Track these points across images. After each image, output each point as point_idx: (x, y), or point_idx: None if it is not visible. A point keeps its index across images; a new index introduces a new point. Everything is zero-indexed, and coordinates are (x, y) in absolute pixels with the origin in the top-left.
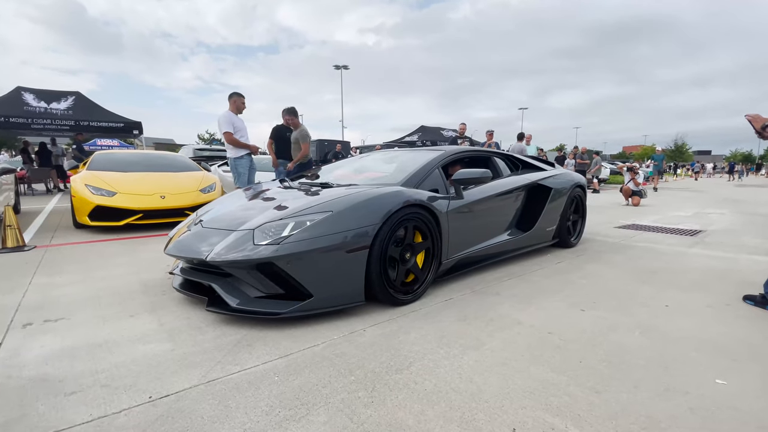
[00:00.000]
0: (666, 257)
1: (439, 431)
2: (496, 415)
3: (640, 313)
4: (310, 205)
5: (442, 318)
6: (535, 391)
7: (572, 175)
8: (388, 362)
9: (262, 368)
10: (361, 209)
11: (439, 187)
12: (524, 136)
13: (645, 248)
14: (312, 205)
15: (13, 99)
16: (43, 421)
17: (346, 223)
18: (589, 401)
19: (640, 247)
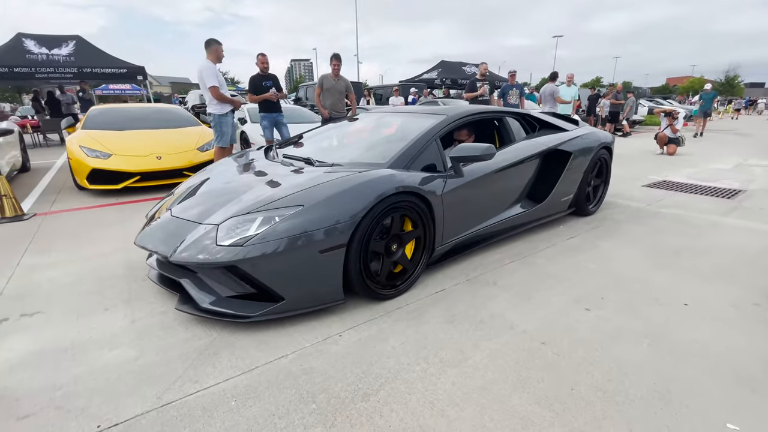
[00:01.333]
0: (694, 230)
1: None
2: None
3: (652, 314)
4: (282, 195)
5: (428, 318)
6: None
7: (597, 135)
8: (356, 383)
9: (222, 388)
10: (337, 202)
11: (436, 162)
12: (557, 75)
13: (672, 216)
14: (283, 195)
15: (14, 47)
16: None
17: (320, 220)
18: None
19: (666, 215)
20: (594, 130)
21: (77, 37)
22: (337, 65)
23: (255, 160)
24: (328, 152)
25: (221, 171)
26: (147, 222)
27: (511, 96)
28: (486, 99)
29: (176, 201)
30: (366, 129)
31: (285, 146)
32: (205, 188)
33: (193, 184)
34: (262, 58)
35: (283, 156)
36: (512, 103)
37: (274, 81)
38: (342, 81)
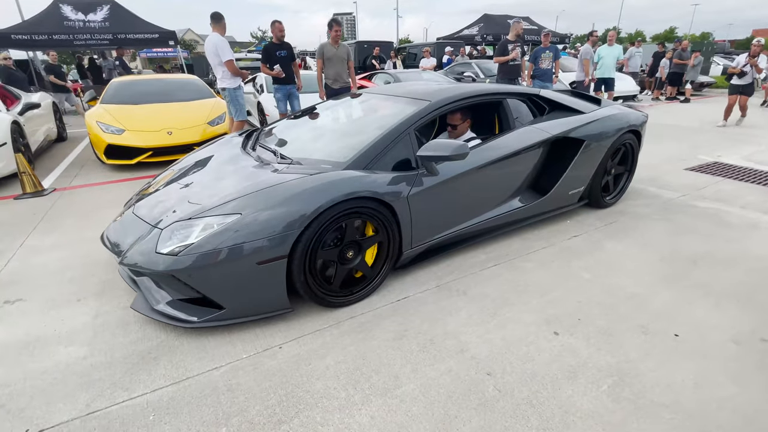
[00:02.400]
0: (726, 232)
1: None
2: None
3: (631, 345)
4: (227, 199)
5: (377, 333)
6: None
7: (621, 118)
8: (275, 407)
9: (147, 399)
10: (277, 210)
11: (410, 158)
12: (592, 34)
13: (705, 212)
14: (228, 200)
15: (52, 13)
16: None
17: (258, 230)
18: None
19: (699, 209)
20: (618, 112)
21: (112, 1)
22: (338, 31)
23: (230, 150)
24: (298, 144)
25: (200, 158)
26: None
27: (543, 60)
28: (518, 64)
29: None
30: (343, 116)
31: (270, 130)
32: (177, 183)
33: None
34: (279, 26)
35: (259, 146)
36: (545, 68)
37: (288, 50)
38: (343, 47)
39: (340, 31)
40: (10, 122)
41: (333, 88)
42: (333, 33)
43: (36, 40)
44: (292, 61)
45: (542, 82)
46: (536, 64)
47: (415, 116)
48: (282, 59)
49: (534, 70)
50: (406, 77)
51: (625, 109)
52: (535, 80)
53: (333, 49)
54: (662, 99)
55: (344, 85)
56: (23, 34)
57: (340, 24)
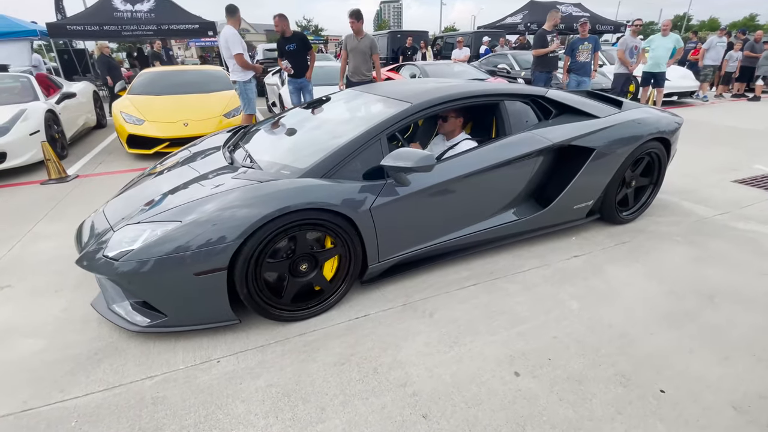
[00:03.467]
0: (760, 265)
1: None
2: None
3: (602, 399)
4: (168, 207)
5: (322, 354)
6: None
7: (645, 123)
8: (189, 429)
9: (76, 403)
10: (218, 220)
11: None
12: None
13: (743, 237)
14: (168, 208)
15: (103, 5)
16: None
17: (195, 239)
18: None
19: (737, 233)
20: (645, 115)
21: None
22: (353, 23)
23: (207, 147)
24: (271, 146)
25: (186, 156)
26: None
27: (581, 53)
28: (555, 56)
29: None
30: (323, 117)
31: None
32: (157, 176)
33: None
34: (276, 20)
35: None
36: (582, 61)
37: (297, 43)
38: (366, 39)
39: (355, 24)
40: (44, 111)
41: (352, 81)
42: (350, 25)
43: (88, 30)
44: (305, 53)
45: (579, 76)
46: (573, 56)
47: (388, 121)
48: (290, 53)
49: (570, 63)
50: (433, 70)
51: (653, 113)
52: (571, 74)
53: (355, 41)
54: (726, 96)
55: (363, 79)
56: (77, 24)
57: (354, 16)
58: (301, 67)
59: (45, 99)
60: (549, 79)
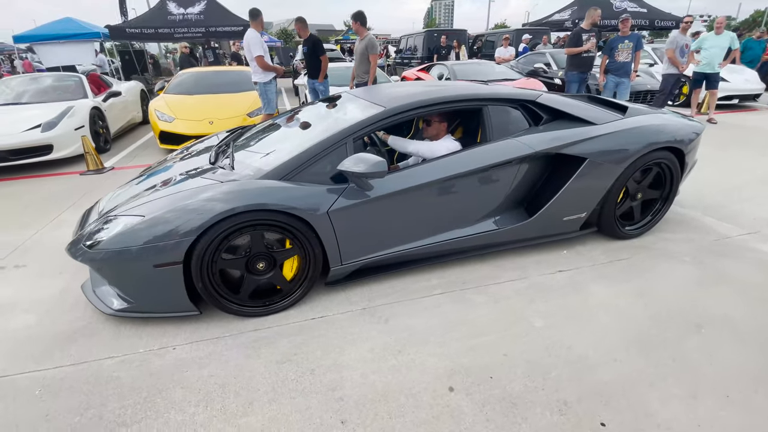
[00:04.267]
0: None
1: None
2: None
3: (532, 426)
4: (138, 203)
5: (269, 351)
6: None
7: (652, 131)
8: (127, 408)
9: (44, 375)
10: (174, 216)
11: None
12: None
13: (762, 262)
14: (138, 203)
15: (159, 9)
16: None
17: (154, 233)
18: None
19: (758, 257)
20: (653, 123)
21: None
22: (353, 25)
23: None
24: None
25: (187, 153)
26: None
27: (620, 52)
28: (591, 56)
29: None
30: (305, 121)
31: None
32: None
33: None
34: (296, 25)
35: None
36: (622, 61)
37: (310, 46)
38: (364, 40)
39: (354, 25)
40: (90, 108)
41: (356, 84)
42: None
43: (145, 33)
44: (317, 56)
45: (617, 77)
46: (611, 56)
47: (357, 125)
48: (304, 54)
49: (608, 63)
50: (461, 69)
51: (665, 120)
52: (608, 75)
53: (357, 43)
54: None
55: (361, 80)
56: (135, 27)
57: (353, 18)
58: (314, 69)
59: (93, 97)
60: (583, 80)
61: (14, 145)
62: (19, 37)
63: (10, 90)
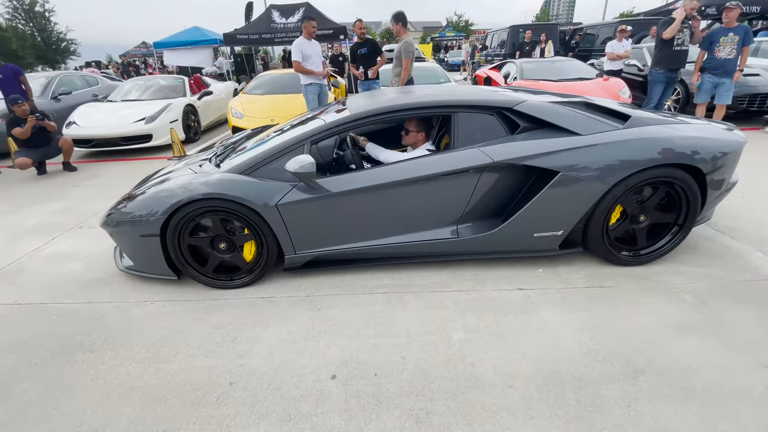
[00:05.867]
0: (765, 355)
1: None
2: None
3: (375, 424)
4: (149, 185)
5: (213, 317)
6: None
7: (655, 145)
8: (82, 342)
9: (64, 308)
10: (154, 198)
11: None
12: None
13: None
14: (149, 185)
15: (265, 17)
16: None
17: (141, 210)
18: None
19: None
20: (661, 135)
21: (306, 3)
22: (393, 26)
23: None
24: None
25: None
26: None
27: (722, 47)
28: (683, 50)
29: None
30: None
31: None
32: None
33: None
34: (358, 25)
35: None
36: (724, 57)
37: (368, 47)
38: (400, 43)
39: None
40: (184, 105)
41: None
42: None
43: (251, 38)
44: (375, 57)
45: (716, 77)
46: (710, 51)
47: (317, 129)
48: (362, 57)
49: (706, 60)
50: (531, 67)
51: (683, 132)
52: (705, 74)
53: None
54: None
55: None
56: (243, 34)
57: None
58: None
59: (190, 96)
60: (671, 80)
61: (125, 134)
62: (158, 43)
63: (133, 89)
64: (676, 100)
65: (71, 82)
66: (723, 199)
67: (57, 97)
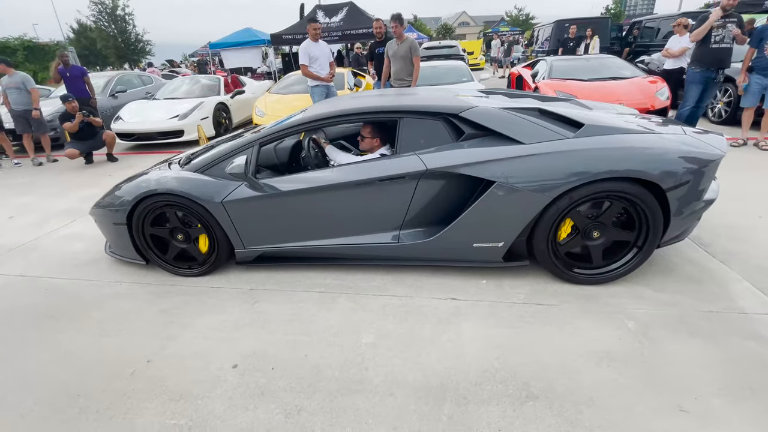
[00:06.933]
0: (677, 398)
1: None
2: None
3: (249, 415)
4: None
5: (163, 302)
6: None
7: (606, 157)
8: (52, 312)
9: (54, 282)
10: (122, 192)
11: (248, 170)
12: None
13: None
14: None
15: (309, 18)
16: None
17: (112, 201)
18: None
19: (733, 343)
20: (621, 144)
21: (350, 3)
22: (395, 27)
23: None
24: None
25: None
26: None
27: None
28: (725, 48)
29: None
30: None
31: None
32: None
33: None
34: (377, 24)
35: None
36: None
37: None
38: (405, 43)
39: (397, 27)
40: (215, 103)
41: (394, 87)
42: (392, 29)
43: (295, 38)
44: None
45: (765, 78)
46: (761, 49)
47: (267, 132)
48: (379, 56)
49: (755, 59)
50: (562, 65)
51: (643, 144)
52: (753, 75)
53: (395, 45)
54: None
55: (403, 84)
56: (289, 34)
57: (395, 20)
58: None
59: (223, 95)
60: (710, 80)
61: (161, 129)
62: (213, 44)
63: (176, 88)
64: (727, 102)
65: (129, 81)
66: (698, 218)
67: (114, 95)
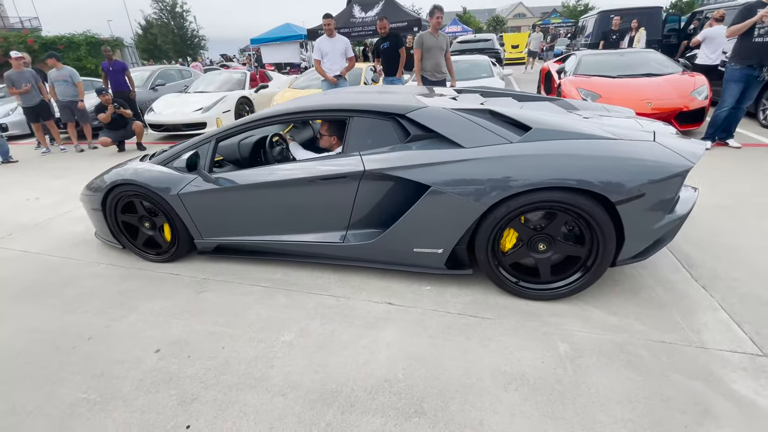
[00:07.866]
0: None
1: None
2: None
3: (153, 398)
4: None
5: (125, 284)
6: None
7: (549, 164)
8: (47, 285)
9: (51, 260)
10: (101, 180)
11: (206, 163)
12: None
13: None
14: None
15: (346, 12)
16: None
17: (92, 188)
18: None
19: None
20: (569, 150)
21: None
22: (440, 18)
23: None
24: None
25: None
26: None
27: None
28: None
29: None
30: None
31: None
32: None
33: None
34: (381, 23)
35: None
36: None
37: (391, 41)
38: (442, 37)
39: (442, 18)
40: (237, 97)
41: (431, 81)
42: (434, 20)
43: None
44: (395, 52)
45: None
46: None
47: (226, 127)
48: (384, 51)
49: None
50: (592, 60)
51: (594, 152)
52: None
53: (432, 38)
54: None
55: (442, 78)
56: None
57: (442, 11)
58: (391, 66)
59: (247, 89)
60: (752, 78)
61: (186, 121)
62: (254, 39)
63: (206, 82)
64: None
65: (169, 75)
66: (670, 236)
67: (155, 88)
